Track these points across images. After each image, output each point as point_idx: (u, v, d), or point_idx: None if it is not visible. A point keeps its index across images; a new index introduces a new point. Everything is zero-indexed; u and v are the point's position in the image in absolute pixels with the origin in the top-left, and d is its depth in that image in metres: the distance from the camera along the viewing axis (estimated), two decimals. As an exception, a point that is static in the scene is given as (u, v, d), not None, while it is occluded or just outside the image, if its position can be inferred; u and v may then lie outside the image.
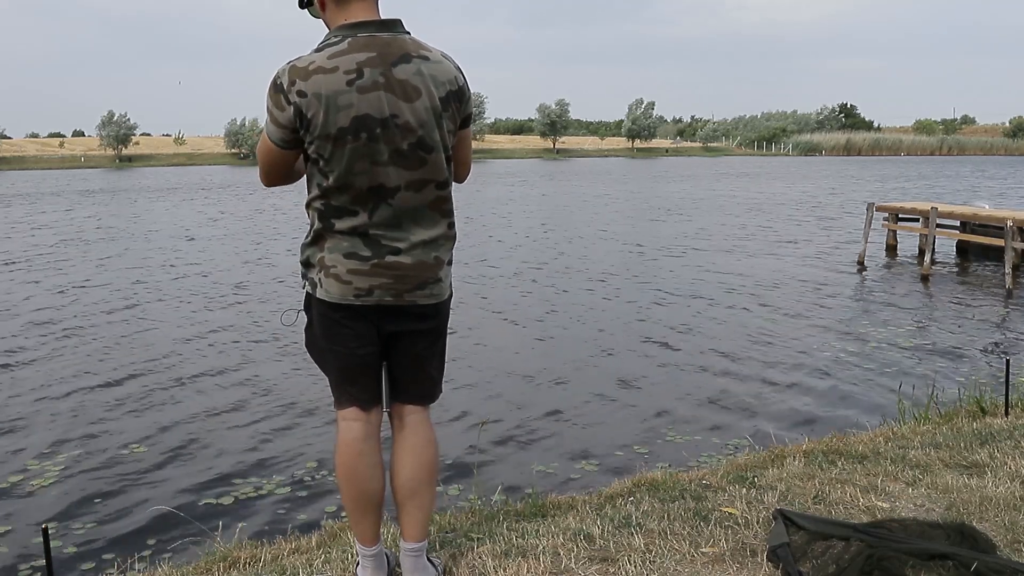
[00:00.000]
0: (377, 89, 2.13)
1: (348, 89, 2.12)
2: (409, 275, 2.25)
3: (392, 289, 2.25)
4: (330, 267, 2.24)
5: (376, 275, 2.23)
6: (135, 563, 3.17)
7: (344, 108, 2.12)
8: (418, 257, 2.26)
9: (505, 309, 12.26)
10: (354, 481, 2.35)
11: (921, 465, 3.53)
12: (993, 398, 5.15)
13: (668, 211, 28.05)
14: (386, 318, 2.29)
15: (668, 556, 2.65)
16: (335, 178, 2.18)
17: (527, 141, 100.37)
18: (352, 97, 2.12)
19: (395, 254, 2.23)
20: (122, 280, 15.06)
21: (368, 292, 2.24)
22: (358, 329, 2.28)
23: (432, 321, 2.36)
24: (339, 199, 2.20)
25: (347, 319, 2.27)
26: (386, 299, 2.25)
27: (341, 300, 2.24)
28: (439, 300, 2.35)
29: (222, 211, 29.37)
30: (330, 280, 2.24)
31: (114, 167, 72.92)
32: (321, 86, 2.11)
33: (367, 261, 2.22)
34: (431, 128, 2.20)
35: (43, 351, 9.92)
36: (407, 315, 2.30)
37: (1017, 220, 14.12)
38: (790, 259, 17.01)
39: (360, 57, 2.13)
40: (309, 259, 2.30)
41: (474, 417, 7.25)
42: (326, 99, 2.11)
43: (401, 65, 2.16)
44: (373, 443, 2.37)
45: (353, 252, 2.22)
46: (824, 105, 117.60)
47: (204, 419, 7.43)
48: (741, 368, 8.96)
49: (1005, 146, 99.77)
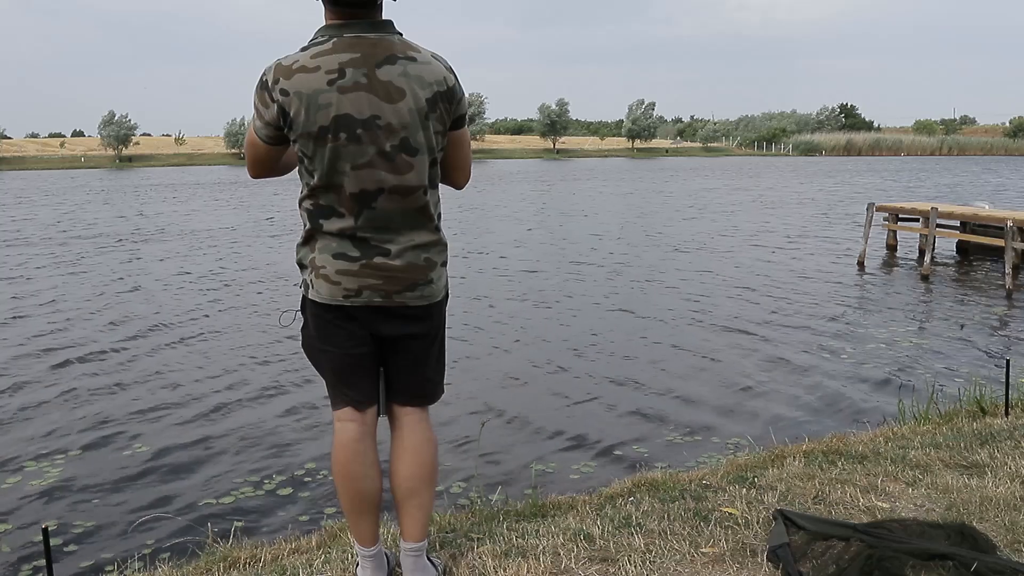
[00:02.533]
0: (358, 89, 2.12)
1: (328, 89, 2.10)
2: (399, 276, 2.24)
3: (381, 290, 2.24)
4: (320, 268, 2.24)
5: (365, 276, 2.22)
6: (135, 563, 3.17)
7: (324, 107, 2.11)
8: (408, 259, 2.24)
9: (506, 307, 12.26)
10: (350, 482, 2.35)
11: (921, 465, 3.53)
12: (993, 398, 5.14)
13: (700, 210, 28.05)
14: (377, 319, 2.28)
15: (668, 556, 2.65)
16: (319, 177, 2.18)
17: (527, 141, 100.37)
18: (332, 96, 2.10)
19: (384, 255, 2.22)
20: (123, 279, 15.08)
21: (357, 293, 2.23)
22: (350, 330, 2.28)
23: (425, 323, 2.35)
24: (326, 198, 2.20)
25: (339, 320, 2.27)
26: (375, 300, 2.24)
27: (331, 301, 2.24)
28: (431, 302, 2.33)
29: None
30: (320, 281, 2.24)
31: (114, 167, 72.92)
32: (302, 85, 2.10)
33: (356, 262, 2.21)
34: (415, 130, 2.17)
35: (43, 351, 9.92)
36: (398, 317, 2.29)
37: (1017, 220, 14.11)
38: (790, 259, 17.01)
39: (343, 57, 2.12)
40: (302, 260, 2.30)
41: (474, 417, 7.25)
42: (307, 98, 2.10)
43: (385, 66, 2.14)
44: (369, 444, 2.37)
45: (342, 253, 2.21)
46: (824, 105, 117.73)
47: (204, 419, 7.44)
48: (741, 368, 8.96)
49: (1005, 146, 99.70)
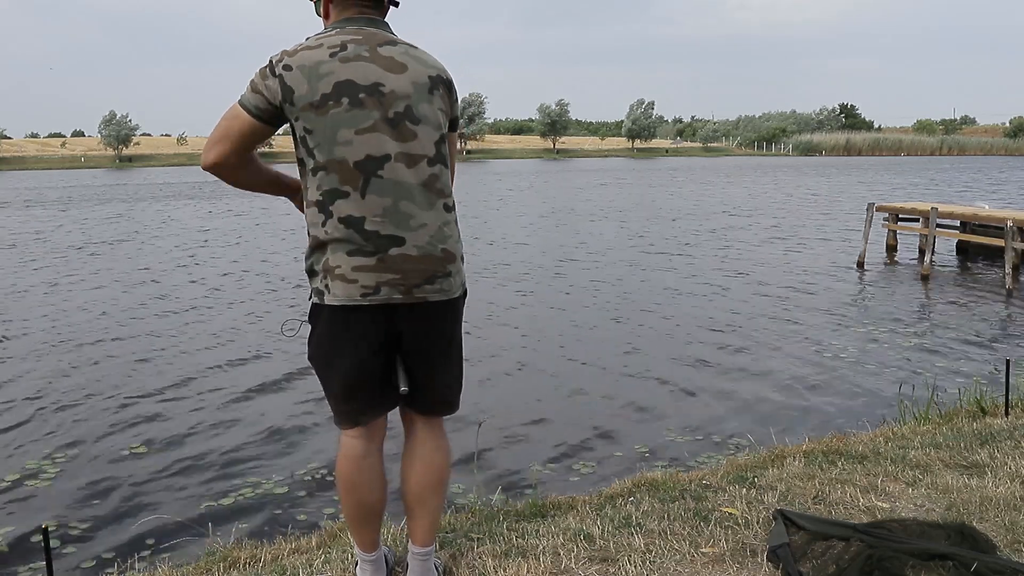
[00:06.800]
0: (360, 60, 2.19)
1: (330, 59, 2.17)
2: (417, 268, 2.20)
3: (400, 285, 2.19)
4: (335, 268, 2.19)
5: (382, 270, 2.17)
6: (135, 563, 3.17)
7: (325, 75, 2.16)
8: (424, 250, 2.20)
9: (504, 306, 12.26)
10: (355, 494, 2.34)
11: (921, 465, 3.53)
12: (993, 398, 5.15)
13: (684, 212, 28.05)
14: (396, 318, 2.22)
15: (668, 556, 2.65)
16: (323, 151, 2.17)
17: (527, 141, 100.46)
18: (334, 65, 2.17)
19: (399, 245, 2.18)
20: (123, 280, 15.07)
21: (375, 290, 2.18)
22: (367, 334, 2.21)
23: (443, 322, 2.30)
24: (330, 179, 2.17)
25: (356, 323, 2.21)
26: (395, 296, 2.19)
27: (348, 301, 2.18)
28: (450, 296, 2.28)
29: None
30: (336, 282, 2.19)
31: (115, 167, 72.92)
32: (304, 59, 2.17)
33: (372, 256, 2.17)
34: (418, 100, 2.22)
35: (43, 350, 9.92)
36: (418, 315, 2.23)
37: (1017, 220, 14.11)
38: (790, 259, 16.99)
39: (346, 37, 2.22)
40: (313, 266, 2.25)
41: (473, 417, 7.24)
42: (308, 69, 2.15)
43: (387, 46, 2.24)
44: (375, 458, 2.35)
45: (356, 249, 2.17)
46: (824, 105, 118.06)
47: (204, 419, 7.42)
48: (741, 368, 8.96)
49: (1005, 146, 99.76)
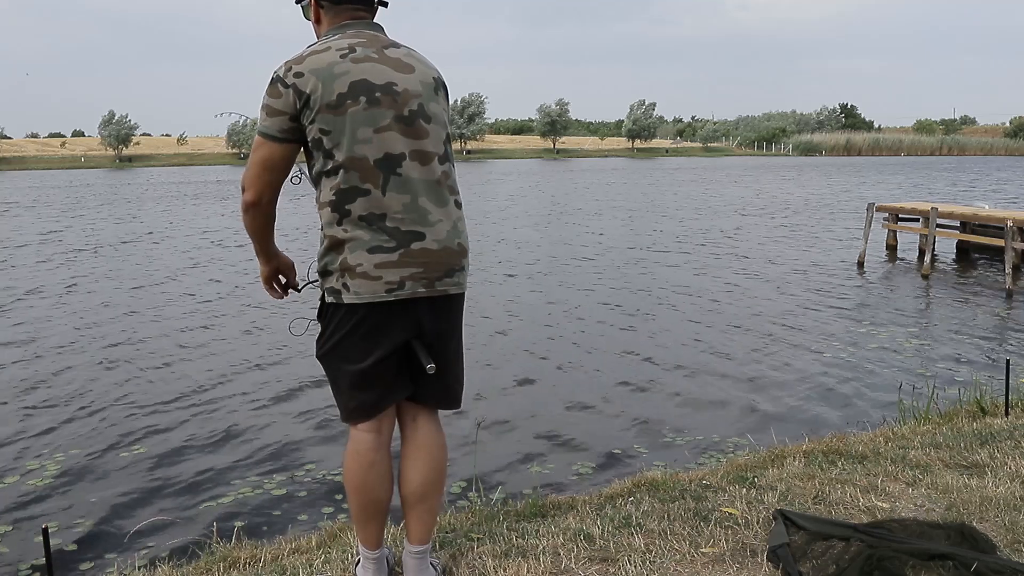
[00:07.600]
0: (371, 60, 2.22)
1: (342, 60, 2.19)
2: (438, 262, 2.23)
3: (423, 279, 2.21)
4: (355, 266, 2.18)
5: (405, 265, 2.19)
6: (135, 563, 3.17)
7: (340, 76, 2.17)
8: (443, 243, 2.24)
9: (504, 306, 12.26)
10: (363, 491, 2.33)
11: (921, 465, 3.53)
12: (993, 398, 5.15)
13: (677, 210, 28.06)
14: (419, 313, 2.24)
15: (668, 556, 2.65)
16: (343, 149, 2.17)
17: (527, 141, 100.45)
18: (347, 66, 2.19)
19: (420, 239, 2.20)
20: (125, 280, 15.07)
21: (400, 285, 2.19)
22: (390, 330, 2.22)
23: (458, 315, 2.37)
24: (348, 178, 2.17)
25: (381, 319, 2.20)
26: (419, 290, 2.21)
27: (373, 298, 2.18)
28: (461, 291, 2.35)
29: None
30: (358, 280, 2.18)
31: (114, 167, 72.93)
32: (315, 63, 2.18)
33: (394, 252, 2.18)
34: (428, 99, 2.27)
35: (43, 350, 9.93)
36: (439, 308, 2.28)
37: (1017, 220, 14.11)
38: (790, 259, 17.00)
39: (352, 40, 2.25)
40: (327, 266, 2.24)
41: (472, 416, 7.24)
42: (322, 72, 2.17)
43: (391, 48, 2.29)
44: (384, 453, 2.35)
45: (377, 245, 2.18)
46: (824, 105, 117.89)
47: (204, 419, 7.43)
48: (741, 368, 8.96)
49: (1005, 146, 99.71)
